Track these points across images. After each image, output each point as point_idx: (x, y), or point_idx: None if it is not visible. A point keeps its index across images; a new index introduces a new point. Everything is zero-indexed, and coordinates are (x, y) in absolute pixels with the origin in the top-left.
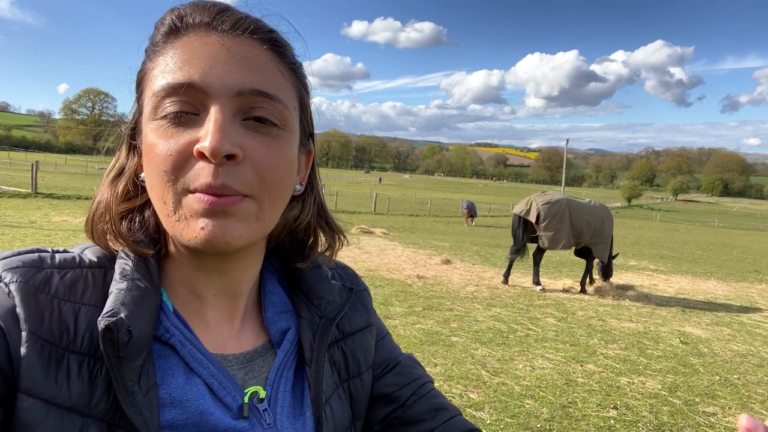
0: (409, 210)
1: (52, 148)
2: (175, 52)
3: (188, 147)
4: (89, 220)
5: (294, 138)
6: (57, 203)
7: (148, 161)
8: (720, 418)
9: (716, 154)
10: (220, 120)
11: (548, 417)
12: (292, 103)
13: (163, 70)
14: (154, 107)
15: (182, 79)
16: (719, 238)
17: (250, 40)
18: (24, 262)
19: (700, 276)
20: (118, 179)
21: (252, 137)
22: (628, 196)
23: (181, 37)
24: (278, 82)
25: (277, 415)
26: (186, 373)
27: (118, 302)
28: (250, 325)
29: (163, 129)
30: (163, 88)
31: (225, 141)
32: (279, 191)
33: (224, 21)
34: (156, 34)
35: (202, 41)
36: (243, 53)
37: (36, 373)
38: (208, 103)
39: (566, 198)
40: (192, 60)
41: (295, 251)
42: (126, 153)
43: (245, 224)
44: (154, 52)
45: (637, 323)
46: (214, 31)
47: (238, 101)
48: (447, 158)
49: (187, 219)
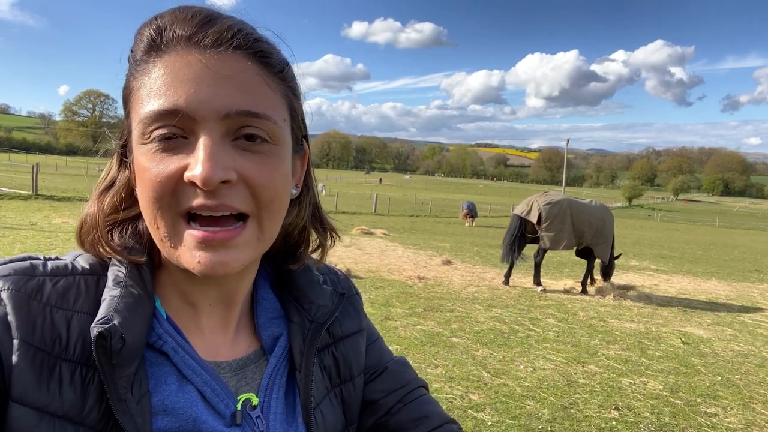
0: (409, 211)
1: (53, 149)
2: (158, 73)
3: (178, 173)
4: (78, 232)
5: (286, 151)
6: (58, 205)
7: (140, 185)
8: (722, 419)
9: (717, 154)
10: (210, 146)
11: (549, 418)
12: (282, 116)
13: (148, 94)
14: (141, 132)
15: (168, 106)
16: (720, 237)
17: (234, 55)
18: (15, 270)
19: (701, 276)
20: (106, 193)
21: (244, 157)
22: (628, 196)
23: (162, 55)
24: (266, 97)
25: (270, 422)
26: (179, 380)
27: (111, 309)
28: (243, 332)
29: (152, 153)
30: (148, 116)
31: (217, 169)
32: (277, 207)
33: (206, 35)
34: (136, 50)
35: (184, 61)
36: (227, 71)
37: (28, 381)
38: (196, 128)
39: (567, 198)
40: (175, 83)
41: (287, 253)
42: (117, 167)
43: (245, 251)
44: (137, 70)
45: (638, 324)
46: (196, 48)
47: (226, 123)
48: (447, 159)
49: (183, 249)
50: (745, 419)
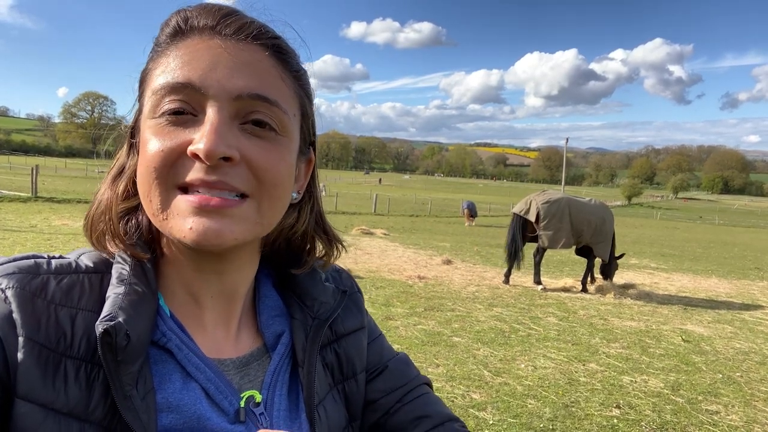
0: (409, 210)
1: (52, 151)
2: (177, 53)
3: (182, 146)
4: (89, 219)
5: (293, 144)
6: (57, 207)
7: (141, 159)
8: (723, 416)
9: (716, 152)
10: (217, 122)
11: (551, 417)
12: (292, 110)
13: (164, 70)
14: (153, 105)
15: (181, 79)
16: (720, 235)
17: (253, 45)
18: (20, 268)
19: (701, 274)
20: (119, 178)
21: (249, 140)
22: (628, 195)
23: (184, 39)
24: (279, 88)
25: (274, 419)
26: (183, 377)
27: (116, 306)
28: (246, 329)
29: (160, 127)
30: (162, 87)
31: (220, 143)
32: (279, 194)
33: (228, 25)
34: (160, 35)
35: (205, 44)
36: (245, 58)
37: (33, 378)
38: (206, 105)
39: (566, 197)
40: (193, 61)
41: (291, 258)
42: (126, 152)
43: (241, 225)
44: (157, 53)
45: (638, 322)
46: (218, 35)
47: (236, 105)
48: (447, 158)
49: (175, 218)
50: (746, 416)
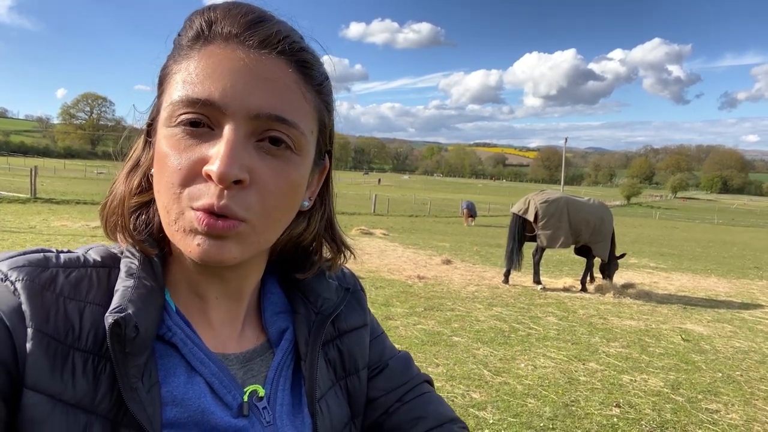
0: (408, 211)
1: (51, 153)
2: (199, 61)
3: (198, 165)
4: (105, 211)
5: (307, 161)
6: (56, 208)
7: (159, 169)
8: (723, 415)
9: (715, 152)
10: (232, 142)
11: (551, 416)
12: (310, 128)
13: (184, 79)
14: (170, 115)
15: (202, 95)
16: (719, 235)
17: (277, 60)
18: (30, 261)
19: (700, 273)
20: (133, 172)
21: (262, 160)
22: (627, 195)
23: (207, 45)
24: (299, 106)
25: (277, 413)
26: (187, 371)
27: (125, 299)
28: (250, 326)
29: (177, 139)
30: (181, 100)
31: (233, 166)
32: (278, 216)
33: (253, 36)
34: (182, 36)
35: (227, 56)
36: (266, 74)
37: (42, 369)
38: (223, 122)
39: (564, 196)
40: (214, 75)
41: (297, 263)
42: (142, 146)
43: (240, 246)
44: (179, 54)
45: (638, 321)
46: (241, 46)
47: (254, 123)
48: (446, 159)
49: (185, 233)
50: (746, 415)
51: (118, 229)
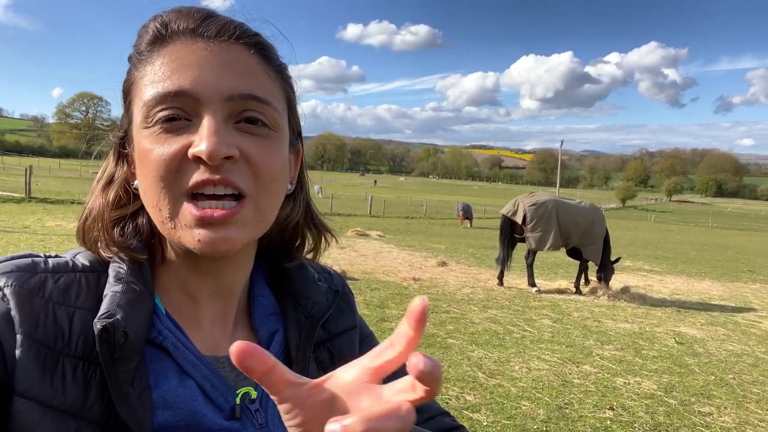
0: (404, 212)
1: (46, 152)
2: (162, 60)
3: (182, 150)
4: (80, 229)
5: (285, 138)
6: (51, 208)
7: (142, 168)
8: (716, 418)
9: (710, 155)
10: (214, 125)
11: (545, 418)
12: (281, 105)
13: (152, 80)
14: (145, 115)
15: (172, 88)
16: (713, 238)
17: (236, 45)
18: (18, 267)
19: (694, 276)
20: (109, 187)
21: (245, 138)
22: (622, 198)
23: (166, 45)
24: (266, 85)
25: (269, 415)
26: (179, 375)
27: (114, 304)
28: (240, 328)
29: (156, 135)
30: (153, 98)
31: (221, 144)
32: (276, 190)
33: (209, 27)
34: (140, 42)
35: (189, 48)
36: (230, 59)
37: (32, 375)
38: (200, 110)
39: (554, 199)
40: (180, 68)
41: (282, 251)
42: (115, 161)
43: (245, 229)
44: (140, 61)
45: (632, 324)
46: (200, 38)
47: (229, 106)
48: (442, 160)
49: (182, 229)
50: (738, 418)
51: (100, 242)
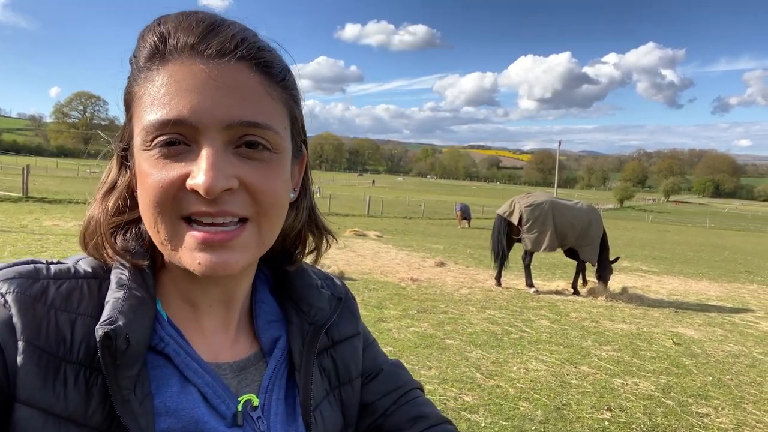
0: (402, 212)
1: (43, 151)
2: (161, 81)
3: (180, 179)
4: (82, 235)
5: (286, 158)
6: (48, 207)
7: (141, 190)
8: (713, 419)
9: (707, 156)
10: (212, 156)
11: (543, 419)
12: (283, 125)
13: (151, 102)
14: (144, 139)
15: (171, 116)
16: (711, 238)
17: (238, 65)
18: (20, 273)
19: (692, 277)
20: (110, 195)
21: (245, 164)
22: (620, 198)
23: (165, 63)
24: (268, 107)
25: (271, 422)
26: (181, 382)
27: (116, 311)
28: (243, 334)
29: (155, 159)
30: (152, 125)
31: (219, 178)
32: (276, 213)
33: (209, 46)
34: (139, 54)
35: (188, 70)
36: (230, 82)
37: (34, 382)
38: (198, 137)
39: (550, 200)
40: (179, 93)
41: (284, 255)
42: (117, 169)
43: (245, 253)
44: (139, 77)
45: (630, 324)
46: (199, 57)
47: (228, 133)
48: (440, 160)
49: (183, 251)
50: (736, 419)
51: (100, 249)
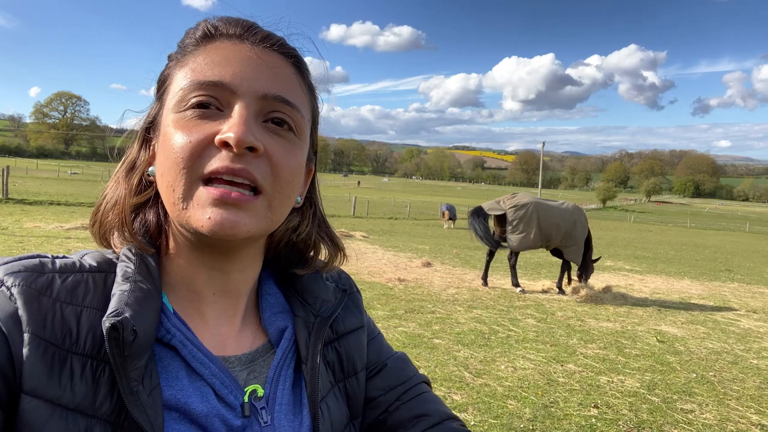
0: (388, 213)
1: (23, 152)
2: (207, 53)
3: (209, 137)
4: (97, 213)
5: (305, 147)
6: (29, 209)
7: (164, 149)
8: (698, 415)
9: (688, 156)
10: (245, 115)
11: (531, 417)
12: (308, 116)
13: (193, 68)
14: (180, 99)
15: (213, 78)
16: (692, 238)
17: (278, 54)
18: (26, 267)
19: (674, 276)
20: (132, 173)
21: (271, 137)
22: (603, 198)
23: (214, 41)
24: (299, 94)
25: (275, 413)
26: (188, 373)
27: (122, 303)
28: (249, 327)
29: (186, 120)
30: (192, 83)
31: (248, 133)
32: (289, 192)
33: (255, 34)
34: (187, 39)
35: (236, 47)
36: (271, 63)
37: (39, 374)
38: (233, 101)
39: (535, 201)
40: (224, 62)
41: (294, 260)
42: (138, 147)
43: (254, 219)
44: (183, 54)
45: (614, 323)
46: (246, 41)
47: (261, 103)
48: (425, 161)
49: (194, 208)
50: (720, 415)
51: (117, 228)
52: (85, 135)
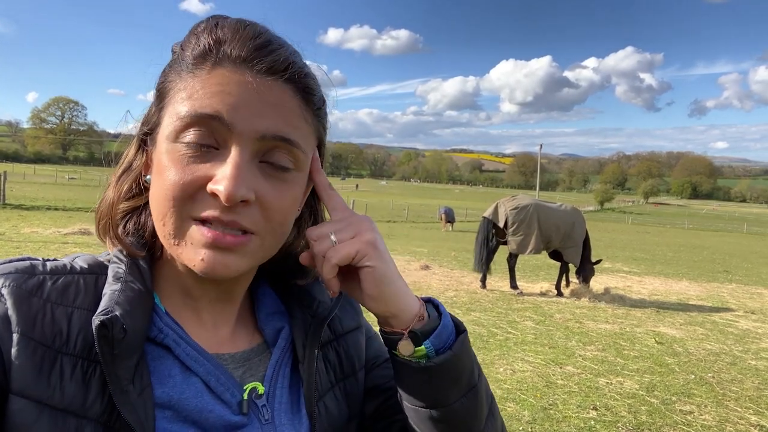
0: (386, 216)
1: (21, 157)
2: (207, 79)
3: (202, 181)
4: (96, 213)
5: (304, 176)
6: (26, 214)
7: (157, 181)
8: (696, 416)
9: (685, 158)
10: (239, 163)
11: (530, 419)
12: (310, 147)
13: (191, 95)
14: (176, 130)
15: (210, 111)
16: (689, 239)
17: (283, 86)
18: (17, 269)
19: (672, 277)
20: (125, 176)
21: (266, 180)
22: (600, 200)
23: (215, 66)
24: (301, 128)
25: (275, 411)
26: (183, 371)
27: (112, 302)
28: (244, 328)
29: (180, 155)
30: (189, 115)
31: (241, 187)
32: (282, 231)
33: (262, 62)
34: (188, 49)
35: (237, 78)
36: (273, 99)
37: (28, 374)
38: (229, 141)
39: (535, 203)
40: (223, 94)
41: (292, 269)
42: (135, 150)
43: (245, 259)
44: (184, 71)
45: (613, 324)
46: (250, 71)
47: (259, 144)
48: (423, 164)
49: (187, 246)
50: (719, 416)
51: (106, 231)
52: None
